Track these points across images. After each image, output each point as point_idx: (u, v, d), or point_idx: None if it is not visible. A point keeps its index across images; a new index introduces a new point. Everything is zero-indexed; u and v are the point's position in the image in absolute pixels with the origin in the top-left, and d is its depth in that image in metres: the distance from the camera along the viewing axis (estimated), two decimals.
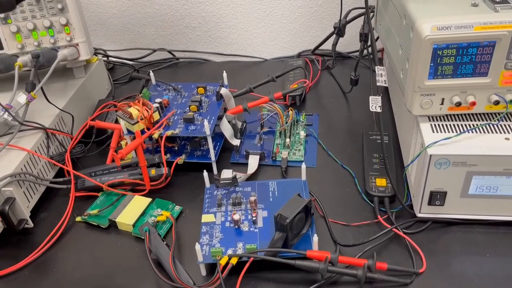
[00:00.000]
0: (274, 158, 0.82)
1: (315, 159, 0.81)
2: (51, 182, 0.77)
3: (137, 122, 0.75)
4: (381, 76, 0.60)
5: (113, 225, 0.71)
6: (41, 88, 0.78)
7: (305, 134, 0.86)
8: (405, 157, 0.76)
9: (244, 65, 1.15)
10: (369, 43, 0.84)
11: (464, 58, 0.57)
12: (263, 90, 0.89)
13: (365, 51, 0.86)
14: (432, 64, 0.58)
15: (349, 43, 1.12)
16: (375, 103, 0.61)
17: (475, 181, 0.61)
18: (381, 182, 0.72)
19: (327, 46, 1.07)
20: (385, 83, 0.60)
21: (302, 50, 1.15)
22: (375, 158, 0.76)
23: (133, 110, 0.75)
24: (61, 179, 0.77)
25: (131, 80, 1.11)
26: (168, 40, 1.18)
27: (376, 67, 0.60)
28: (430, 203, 0.64)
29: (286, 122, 0.86)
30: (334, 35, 0.91)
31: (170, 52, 1.19)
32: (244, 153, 0.82)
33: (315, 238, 0.59)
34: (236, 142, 0.83)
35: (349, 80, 0.93)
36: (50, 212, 0.75)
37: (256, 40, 1.15)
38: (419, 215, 0.66)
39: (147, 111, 0.76)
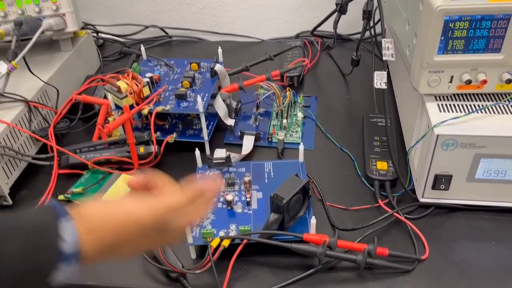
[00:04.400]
0: (270, 140, 0.78)
1: (313, 141, 0.78)
2: (33, 158, 0.72)
3: (126, 96, 0.70)
4: (388, 50, 0.56)
5: None
6: (24, 58, 0.74)
7: (302, 116, 0.82)
8: (407, 140, 0.72)
9: (240, 45, 1.10)
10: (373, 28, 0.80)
11: (477, 32, 0.54)
12: (260, 71, 0.84)
13: (367, 34, 0.82)
14: (442, 38, 0.55)
15: (350, 25, 1.08)
16: (380, 79, 0.57)
17: (483, 164, 0.58)
18: (382, 165, 0.68)
19: (326, 27, 1.03)
20: (392, 57, 0.56)
21: (301, 31, 1.10)
22: (376, 141, 0.73)
23: (122, 84, 0.71)
24: (43, 156, 0.73)
25: (122, 57, 1.06)
26: (160, 16, 1.13)
27: (382, 39, 0.56)
28: (434, 187, 0.61)
29: (283, 103, 0.82)
30: (336, 13, 0.87)
31: (162, 29, 1.14)
32: (239, 133, 0.78)
33: (313, 221, 0.56)
34: (230, 122, 0.79)
35: (350, 61, 0.90)
36: (31, 189, 0.71)
37: (253, 19, 1.11)
38: (422, 200, 0.63)
39: (136, 85, 0.72)
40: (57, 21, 0.82)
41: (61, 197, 0.69)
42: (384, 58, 0.57)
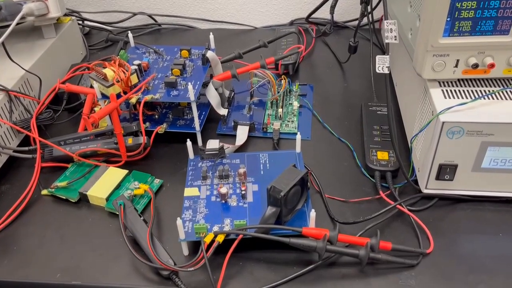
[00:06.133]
0: (265, 130, 0.75)
1: (310, 131, 0.75)
2: (14, 151, 0.68)
3: (113, 84, 0.66)
4: (391, 32, 0.53)
5: (84, 199, 0.63)
6: (3, 44, 0.69)
7: (298, 105, 0.79)
8: (408, 129, 0.69)
9: (232, 33, 1.06)
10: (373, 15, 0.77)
11: (485, 12, 0.51)
12: (254, 59, 0.80)
13: (364, 20, 0.79)
14: (448, 19, 0.51)
15: (345, 12, 1.04)
16: (382, 63, 0.54)
17: (489, 153, 0.55)
18: (383, 155, 0.65)
19: (321, 14, 1.00)
20: (396, 40, 0.53)
21: (295, 18, 1.07)
22: (375, 131, 0.70)
23: (108, 71, 0.67)
24: (26, 148, 0.69)
25: (109, 46, 1.01)
26: (149, 3, 1.09)
27: (385, 20, 0.53)
28: (438, 177, 0.58)
29: (278, 92, 0.78)
30: None
31: (151, 16, 1.09)
32: (232, 123, 0.75)
33: (313, 214, 0.53)
34: (223, 111, 0.75)
35: (346, 49, 0.86)
36: (12, 184, 0.67)
37: (245, 6, 1.07)
38: (425, 191, 0.60)
39: (124, 73, 0.68)
40: (39, 5, 0.78)
41: (44, 191, 0.65)
42: (386, 41, 0.54)
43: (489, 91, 0.56)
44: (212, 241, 0.52)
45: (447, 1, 0.50)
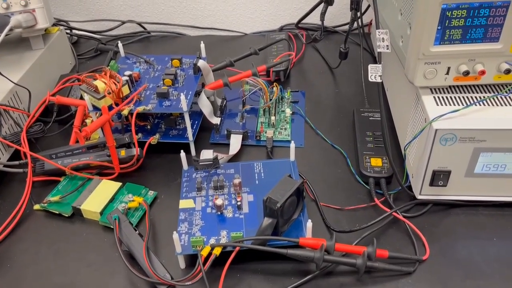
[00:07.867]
0: (258, 138, 0.75)
1: (303, 138, 0.75)
2: (4, 166, 0.67)
3: (104, 96, 0.66)
4: (383, 41, 0.53)
5: (77, 213, 0.63)
6: None
7: (291, 112, 0.79)
8: (400, 135, 0.70)
9: (222, 40, 1.06)
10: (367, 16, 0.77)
11: (475, 20, 0.51)
12: (245, 66, 0.80)
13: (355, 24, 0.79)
14: (439, 28, 0.52)
15: (335, 17, 1.05)
16: (375, 72, 0.54)
17: (482, 158, 0.55)
18: (377, 162, 0.66)
19: (311, 19, 1.00)
20: (388, 49, 0.53)
21: (285, 23, 1.07)
22: (368, 137, 0.70)
23: (99, 83, 0.66)
24: (16, 162, 0.68)
25: (98, 55, 1.00)
26: (138, 11, 1.08)
27: (377, 30, 0.53)
28: (432, 183, 0.58)
29: (271, 99, 0.78)
30: (322, 4, 0.84)
31: (140, 24, 1.09)
32: (225, 132, 0.75)
33: (309, 224, 0.53)
34: (216, 120, 0.75)
35: (336, 54, 0.87)
36: (4, 199, 0.66)
37: (235, 12, 1.07)
38: (419, 197, 0.60)
39: (115, 84, 0.67)
40: (27, 17, 0.77)
41: (37, 206, 0.64)
42: (378, 50, 0.54)
43: (480, 97, 0.56)
44: (209, 254, 0.52)
45: (438, 10, 0.51)
